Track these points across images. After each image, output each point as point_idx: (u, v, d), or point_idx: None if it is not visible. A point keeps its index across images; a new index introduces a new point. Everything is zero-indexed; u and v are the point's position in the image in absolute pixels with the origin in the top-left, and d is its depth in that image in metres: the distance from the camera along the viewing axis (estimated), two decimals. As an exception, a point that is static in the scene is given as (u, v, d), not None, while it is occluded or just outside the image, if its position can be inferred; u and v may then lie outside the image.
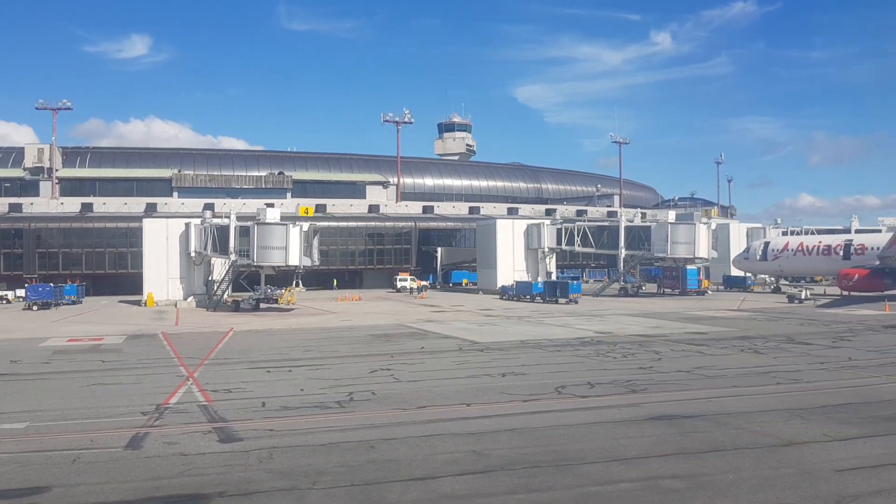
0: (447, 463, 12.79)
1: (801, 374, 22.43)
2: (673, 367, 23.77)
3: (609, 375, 22.19)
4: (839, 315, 45.22)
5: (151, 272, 63.21)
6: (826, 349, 28.38)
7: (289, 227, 50.08)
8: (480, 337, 33.92)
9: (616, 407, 17.43)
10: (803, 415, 16.32)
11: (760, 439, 14.20)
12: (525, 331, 36.73)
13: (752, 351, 27.93)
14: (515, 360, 26.22)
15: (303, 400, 18.84)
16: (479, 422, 15.95)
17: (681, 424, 15.52)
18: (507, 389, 19.92)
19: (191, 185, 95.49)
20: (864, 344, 29.98)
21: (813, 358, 25.84)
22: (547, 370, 23.62)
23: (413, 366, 25.07)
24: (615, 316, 45.77)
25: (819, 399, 18.18)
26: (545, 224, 75.79)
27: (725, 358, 26.19)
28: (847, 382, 20.84)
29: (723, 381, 21.04)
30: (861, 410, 16.80)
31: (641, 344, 30.53)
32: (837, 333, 34.17)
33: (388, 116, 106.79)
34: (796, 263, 71.86)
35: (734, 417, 16.12)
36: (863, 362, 24.66)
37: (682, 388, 20.11)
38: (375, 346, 31.27)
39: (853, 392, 19.16)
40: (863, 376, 21.83)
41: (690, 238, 65.19)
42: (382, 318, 45.66)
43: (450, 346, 30.47)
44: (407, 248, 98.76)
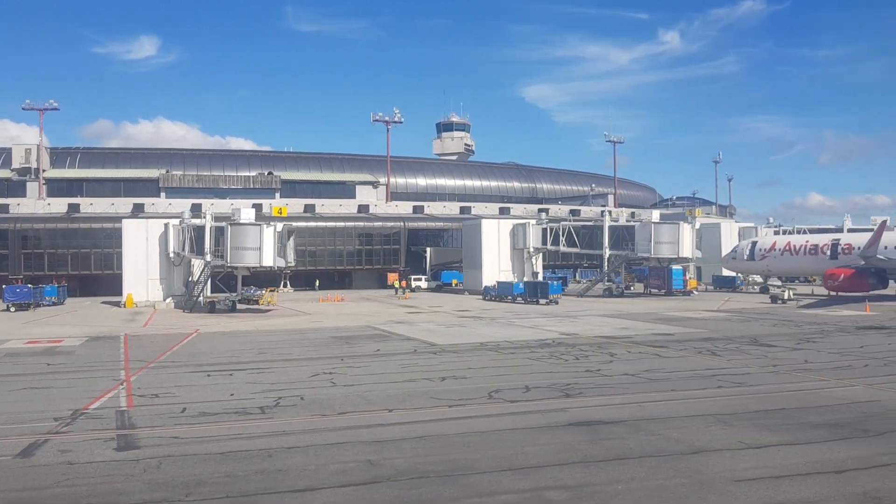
0: (336, 473, 12.32)
1: (749, 377, 21.92)
2: (621, 370, 23.27)
3: (551, 379, 21.70)
4: (817, 316, 44.70)
5: (131, 273, 62.80)
6: (787, 351, 27.85)
7: (262, 227, 49.65)
8: (442, 339, 33.43)
9: (541, 412, 16.92)
10: (729, 420, 15.82)
11: (672, 446, 13.71)
12: (490, 332, 36.23)
13: (709, 353, 27.41)
14: (465, 363, 25.75)
15: (227, 405, 18.38)
16: (391, 429, 15.47)
17: (598, 431, 15.03)
18: (439, 394, 19.43)
19: (178, 185, 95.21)
20: (829, 346, 29.45)
21: (769, 360, 25.32)
22: (491, 373, 23.14)
23: (358, 369, 24.61)
24: (589, 317, 45.25)
25: (753, 404, 17.66)
26: (531, 224, 75.26)
27: (679, 360, 25.67)
28: (792, 386, 20.34)
29: (664, 385, 20.54)
30: (792, 416, 16.28)
31: (601, 346, 30.02)
32: (806, 335, 33.63)
33: (377, 116, 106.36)
34: (783, 263, 71.26)
35: (657, 423, 15.63)
36: (818, 365, 24.13)
37: (620, 392, 19.61)
38: (332, 348, 30.80)
39: (792, 396, 18.66)
40: (812, 379, 21.31)
41: (674, 238, 64.62)
42: (354, 320, 45.20)
43: (405, 349, 29.99)
44: (396, 248, 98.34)
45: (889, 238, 67.35)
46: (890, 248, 62.83)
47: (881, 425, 15.24)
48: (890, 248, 62.59)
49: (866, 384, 20.25)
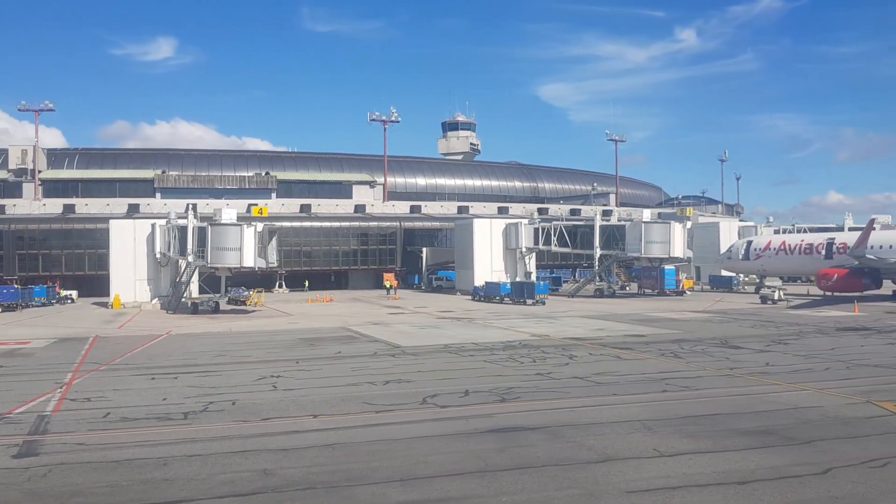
0: (222, 483, 11.93)
1: (700, 381, 21.37)
2: (572, 374, 22.77)
3: (497, 383, 21.21)
4: (802, 317, 43.97)
5: (118, 274, 62.74)
6: (752, 353, 27.26)
7: (243, 227, 49.33)
8: (408, 341, 33.01)
9: (466, 419, 16.45)
10: (655, 427, 15.31)
11: (581, 455, 13.23)
12: (461, 334, 35.76)
13: (672, 355, 26.85)
14: (418, 366, 25.30)
15: (152, 411, 18.02)
16: (304, 436, 15.05)
17: (514, 438, 14.55)
18: (374, 399, 18.99)
19: (173, 185, 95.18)
20: (799, 348, 28.82)
21: (729, 363, 24.76)
22: (439, 377, 22.69)
23: (308, 372, 24.22)
24: (570, 318, 44.69)
25: (690, 409, 17.15)
26: (522, 224, 74.66)
27: (638, 363, 25.13)
28: (739, 390, 19.78)
29: (608, 389, 20.03)
30: (723, 422, 15.76)
31: (565, 348, 29.51)
32: (780, 336, 33.01)
33: (374, 115, 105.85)
34: (778, 263, 70.39)
35: (579, 430, 15.14)
36: (778, 368, 23.55)
37: (560, 396, 19.11)
38: (294, 351, 30.43)
39: (734, 401, 18.11)
40: (764, 383, 20.76)
41: (665, 237, 63.89)
42: (333, 321, 44.82)
43: (367, 351, 29.57)
44: (392, 248, 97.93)
45: (882, 237, 66.50)
46: (885, 247, 62.06)
47: (811, 433, 14.69)
48: (885, 248, 61.81)
49: (818, 388, 19.66)
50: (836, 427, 15.21)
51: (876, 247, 62.44)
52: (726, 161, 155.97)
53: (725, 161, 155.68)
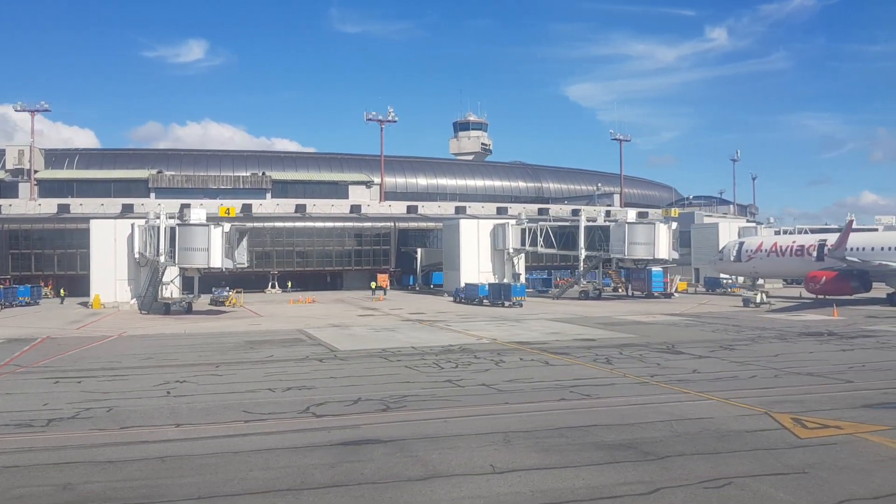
0: (13, 498, 11.39)
1: (609, 388, 20.54)
2: (484, 381, 22.02)
3: (397, 390, 20.53)
4: (776, 320, 42.76)
5: (99, 274, 62.75)
6: (690, 360, 26.35)
7: (210, 228, 48.89)
8: (350, 345, 32.42)
9: (329, 429, 15.79)
10: (516, 440, 14.55)
11: (410, 471, 12.51)
12: (410, 338, 35.04)
13: (605, 361, 25.97)
14: (337, 371, 24.70)
15: (19, 417, 17.55)
16: (144, 447, 14.46)
17: (356, 452, 13.86)
18: (257, 407, 18.37)
19: (167, 185, 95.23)
20: (743, 354, 27.83)
21: (658, 369, 23.92)
22: (346, 383, 22.06)
23: (219, 377, 23.68)
24: (536, 321, 43.80)
25: (568, 419, 16.35)
26: (510, 224, 73.78)
27: (561, 369, 24.34)
28: (639, 399, 18.95)
29: (505, 398, 19.26)
30: (591, 435, 14.96)
31: (502, 353, 28.73)
32: (733, 341, 32.04)
33: (371, 115, 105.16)
34: (770, 265, 68.98)
35: (433, 442, 14.44)
36: (702, 376, 22.67)
37: (447, 405, 18.39)
38: (226, 354, 29.91)
39: (621, 412, 17.28)
40: (672, 392, 19.89)
41: (650, 238, 62.67)
42: (295, 323, 44.30)
43: (300, 355, 28.96)
44: (386, 248, 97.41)
45: (868, 239, 64.94)
46: (877, 249, 60.54)
47: (674, 448, 13.85)
48: (869, 250, 60.32)
49: (725, 398, 18.75)
50: (707, 441, 14.34)
51: (862, 248, 61.02)
52: (738, 161, 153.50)
53: (738, 161, 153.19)
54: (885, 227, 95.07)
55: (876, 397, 18.91)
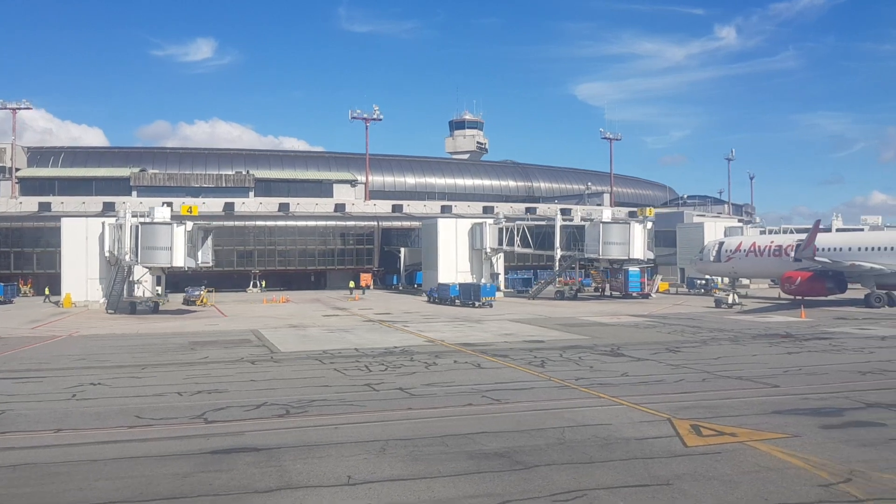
0: None
1: (527, 392, 20.10)
2: (404, 384, 21.57)
3: (310, 394, 20.11)
4: (741, 322, 42.32)
5: (70, 272, 62.28)
6: (627, 363, 25.91)
7: (173, 227, 48.42)
8: (295, 346, 32.05)
9: (207, 436, 15.34)
10: (392, 448, 14.11)
11: (264, 482, 12.08)
12: (361, 339, 34.59)
13: (539, 364, 25.49)
14: (263, 374, 24.28)
15: None
16: (5, 454, 13.97)
17: (220, 461, 13.42)
18: (154, 412, 17.97)
19: (149, 183, 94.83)
20: (684, 357, 27.41)
21: (589, 372, 23.53)
22: (264, 387, 21.60)
23: (138, 380, 23.23)
24: (496, 322, 43.32)
25: (457, 426, 15.89)
26: (487, 224, 73.25)
27: (488, 372, 23.90)
28: (549, 404, 18.53)
29: (410, 402, 18.81)
30: (471, 442, 14.50)
31: (440, 355, 28.32)
32: (686, 343, 31.68)
33: (356, 113, 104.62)
34: (748, 265, 68.37)
35: (303, 451, 14.00)
36: (629, 379, 22.28)
37: (351, 410, 17.95)
38: (166, 355, 29.48)
39: (519, 418, 16.85)
40: (587, 396, 19.44)
41: (625, 238, 62.17)
42: (252, 323, 43.87)
43: (235, 357, 28.50)
44: (370, 248, 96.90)
45: (840, 239, 64.43)
46: (854, 249, 60.00)
47: (548, 457, 13.39)
48: (854, 250, 59.77)
49: (636, 403, 18.30)
50: (587, 450, 13.86)
51: (839, 248, 60.53)
52: (733, 160, 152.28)
53: (732, 160, 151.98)
54: (870, 227, 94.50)
55: (793, 403, 18.43)
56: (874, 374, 22.89)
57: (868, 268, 54.86)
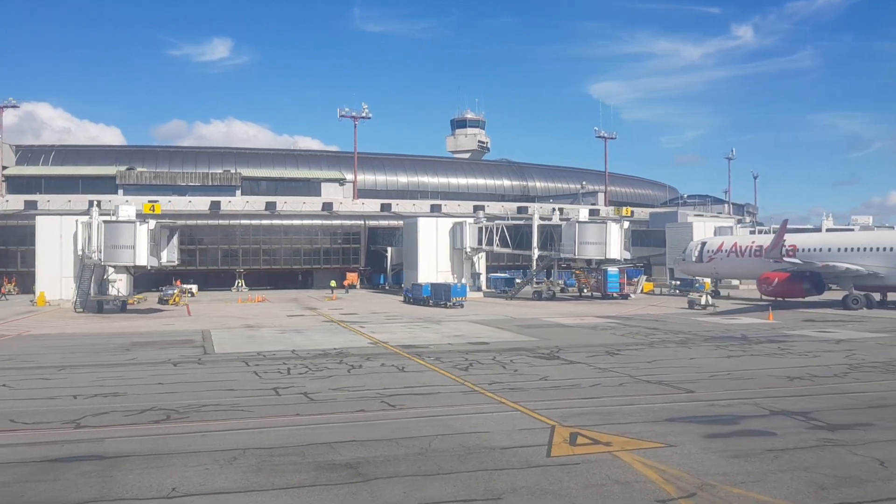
0: None
1: (429, 398, 19.62)
2: (312, 388, 21.11)
3: (208, 399, 19.64)
4: (705, 324, 41.63)
5: (44, 270, 62.01)
6: (558, 365, 25.45)
7: (136, 225, 48.02)
8: (235, 347, 31.60)
9: (61, 443, 14.85)
10: (245, 457, 13.66)
11: (79, 494, 11.61)
12: (309, 340, 34.06)
13: (465, 367, 24.94)
14: (174, 377, 23.84)
15: None
16: None
17: (55, 469, 12.95)
18: (30, 416, 17.50)
19: (135, 182, 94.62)
20: (623, 360, 26.87)
21: (507, 376, 23.06)
22: (167, 390, 21.16)
23: (46, 381, 22.86)
24: (459, 323, 42.73)
25: (327, 434, 15.40)
26: (468, 223, 72.69)
27: (411, 375, 23.45)
28: (443, 410, 18.09)
29: (304, 408, 18.35)
30: (331, 452, 13.98)
31: (374, 357, 27.81)
32: (631, 346, 31.13)
33: (344, 111, 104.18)
34: (729, 265, 67.64)
35: (156, 460, 13.51)
36: (546, 383, 21.81)
37: (237, 416, 17.47)
38: (94, 356, 29.07)
39: (399, 425, 16.33)
40: (490, 401, 18.89)
41: (601, 238, 61.45)
42: (211, 323, 43.46)
43: (162, 359, 28.02)
44: (356, 247, 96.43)
45: (824, 239, 63.60)
46: (833, 249, 59.15)
47: (397, 468, 12.88)
48: (833, 251, 58.93)
49: (533, 409, 17.78)
50: (444, 460, 13.34)
51: (818, 249, 59.69)
52: (733, 159, 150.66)
53: (733, 159, 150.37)
54: (860, 227, 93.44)
55: (696, 409, 17.84)
56: (802, 380, 22.23)
57: (843, 269, 54.00)
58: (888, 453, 13.65)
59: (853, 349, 29.65)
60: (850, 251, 57.77)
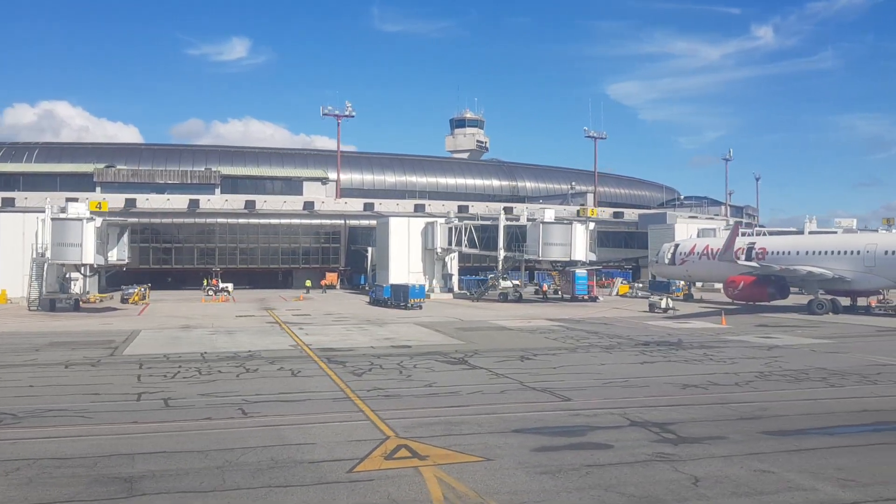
0: None
1: (290, 405, 18.97)
2: (181, 394, 20.45)
3: (60, 403, 19.05)
4: (653, 328, 40.89)
5: (6, 268, 61.50)
6: (461, 371, 24.82)
7: (83, 223, 47.50)
8: (147, 349, 30.99)
9: None
10: (26, 469, 13.02)
11: None
12: (235, 342, 33.34)
13: (362, 372, 24.29)
14: (53, 380, 23.26)
15: None
16: None
17: None
18: None
19: (113, 180, 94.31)
20: (530, 365, 26.27)
21: (396, 382, 22.41)
22: (28, 394, 20.65)
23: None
24: (401, 325, 42.09)
25: (153, 444, 14.75)
26: (438, 223, 72.11)
27: (295, 381, 22.82)
28: (291, 419, 17.40)
29: (152, 415, 17.65)
30: (134, 464, 13.33)
31: (275, 361, 27.16)
32: (552, 350, 30.52)
33: (327, 109, 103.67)
34: (701, 268, 66.70)
35: None
36: (425, 391, 21.15)
37: (73, 423, 16.82)
38: (5, 357, 28.47)
39: (228, 435, 15.65)
40: (353, 410, 18.25)
41: (566, 239, 60.68)
42: (151, 323, 43.04)
43: (61, 360, 27.30)
44: (336, 247, 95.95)
45: (794, 242, 62.71)
46: (801, 253, 58.21)
47: (176, 483, 12.22)
48: (802, 254, 58.00)
49: (389, 417, 17.15)
50: (236, 475, 12.68)
51: (787, 252, 58.77)
52: (731, 160, 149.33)
53: (730, 160, 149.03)
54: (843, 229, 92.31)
55: (554, 419, 17.18)
56: (696, 388, 21.48)
57: (804, 272, 53.07)
58: (711, 471, 12.92)
59: (781, 356, 28.84)
60: (819, 254, 56.77)
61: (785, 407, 18.82)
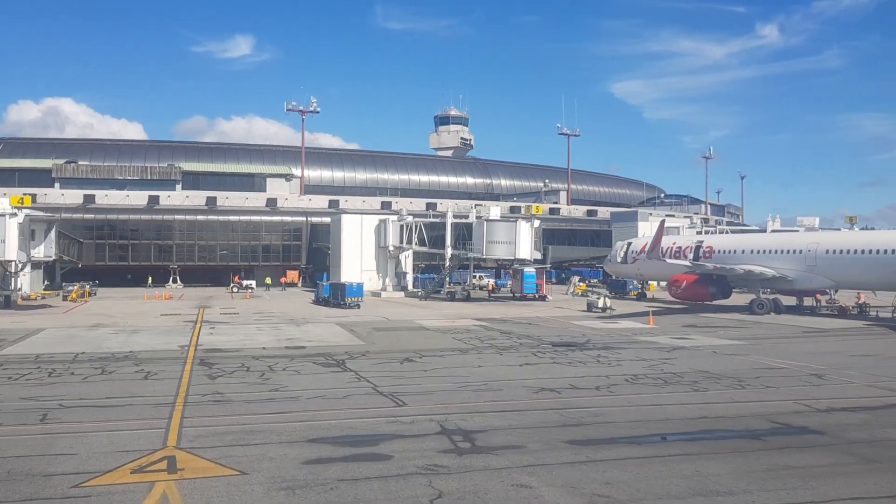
0: None
1: (101, 410, 18.16)
2: (13, 396, 19.56)
3: None
4: (578, 328, 40.26)
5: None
6: (323, 374, 24.09)
7: (5, 218, 46.52)
8: (28, 349, 30.20)
9: None
10: None
11: None
12: (129, 342, 32.49)
13: (214, 377, 23.41)
14: None
15: None
16: None
17: None
18: None
19: (72, 175, 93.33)
20: (403, 368, 25.59)
21: (253, 386, 21.71)
22: None
23: None
24: (321, 325, 41.34)
25: None
26: (391, 220, 71.31)
27: (144, 385, 22.06)
28: (77, 427, 16.49)
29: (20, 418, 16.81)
30: None
31: (141, 363, 26.39)
32: (451, 350, 29.62)
33: (291, 105, 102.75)
34: (651, 267, 65.71)
35: None
36: (256, 396, 20.30)
37: None
38: None
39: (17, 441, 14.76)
40: (147, 417, 17.36)
41: (511, 237, 59.91)
42: (69, 321, 42.26)
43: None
44: (298, 244, 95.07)
45: (740, 241, 62.13)
46: (746, 252, 57.59)
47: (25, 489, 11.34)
48: (746, 253, 57.38)
49: (191, 425, 16.40)
50: None
51: (732, 251, 58.18)
52: (711, 159, 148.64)
53: (710, 158, 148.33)
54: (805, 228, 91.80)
55: (364, 426, 16.35)
56: (549, 393, 20.74)
57: (742, 271, 52.49)
58: (465, 485, 12.20)
59: (674, 358, 28.19)
60: (763, 253, 56.22)
61: (620, 413, 18.07)
